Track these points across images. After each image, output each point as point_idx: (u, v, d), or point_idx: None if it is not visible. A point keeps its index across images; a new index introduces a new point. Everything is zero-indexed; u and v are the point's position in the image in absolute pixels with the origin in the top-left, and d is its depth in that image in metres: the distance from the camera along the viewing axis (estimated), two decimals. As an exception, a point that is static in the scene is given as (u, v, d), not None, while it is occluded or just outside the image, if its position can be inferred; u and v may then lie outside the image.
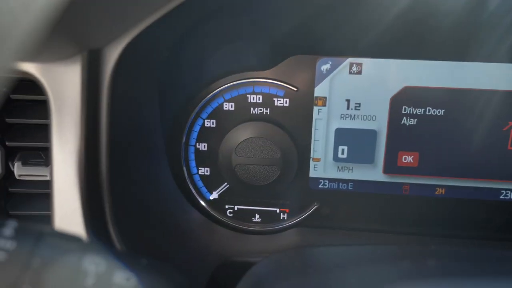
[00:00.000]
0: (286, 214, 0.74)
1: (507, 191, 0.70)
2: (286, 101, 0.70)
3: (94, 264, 0.31)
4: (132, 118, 0.57)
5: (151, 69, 0.60)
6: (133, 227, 0.56)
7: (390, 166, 0.71)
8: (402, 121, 0.69)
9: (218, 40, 0.66)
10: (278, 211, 0.74)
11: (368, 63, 0.68)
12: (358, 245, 0.64)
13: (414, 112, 0.68)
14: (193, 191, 0.74)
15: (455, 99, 0.67)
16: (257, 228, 0.75)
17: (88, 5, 0.39)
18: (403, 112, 0.69)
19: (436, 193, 0.71)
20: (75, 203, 0.49)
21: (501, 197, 0.71)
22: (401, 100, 0.69)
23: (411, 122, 0.69)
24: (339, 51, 0.68)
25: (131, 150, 0.57)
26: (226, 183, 0.73)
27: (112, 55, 0.48)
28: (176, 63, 0.65)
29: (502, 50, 0.66)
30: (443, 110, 0.68)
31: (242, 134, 0.69)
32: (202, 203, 0.74)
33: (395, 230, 0.72)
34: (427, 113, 0.68)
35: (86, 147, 0.48)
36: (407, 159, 0.71)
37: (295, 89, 0.69)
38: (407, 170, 0.71)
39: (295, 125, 0.70)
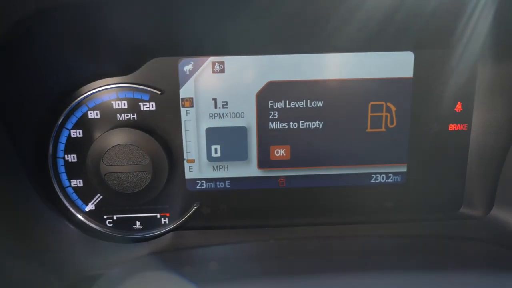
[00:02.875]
0: (167, 218, 0.73)
1: (377, 175, 0.73)
2: (152, 104, 0.68)
3: None
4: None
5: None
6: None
7: (264, 161, 0.72)
8: (270, 116, 0.70)
9: (73, 47, 0.63)
10: (158, 216, 0.73)
11: (230, 61, 0.68)
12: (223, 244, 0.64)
13: (281, 106, 0.69)
14: (67, 204, 0.71)
15: (317, 90, 0.69)
16: (139, 235, 0.73)
17: None
18: (269, 106, 0.70)
19: (311, 184, 0.73)
20: None
21: (371, 181, 0.74)
22: (266, 95, 0.69)
23: (279, 116, 0.70)
24: (200, 51, 0.67)
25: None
26: (99, 194, 0.70)
27: None
28: (27, 76, 0.62)
29: (357, 41, 0.68)
30: (307, 102, 0.69)
31: (108, 142, 0.67)
32: (79, 216, 0.72)
33: (274, 223, 0.73)
34: (293, 106, 0.69)
35: None
36: (280, 152, 0.72)
37: (160, 92, 0.68)
38: (281, 164, 0.72)
39: (164, 128, 0.69)
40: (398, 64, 0.68)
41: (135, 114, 0.68)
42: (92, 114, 0.68)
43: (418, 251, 0.57)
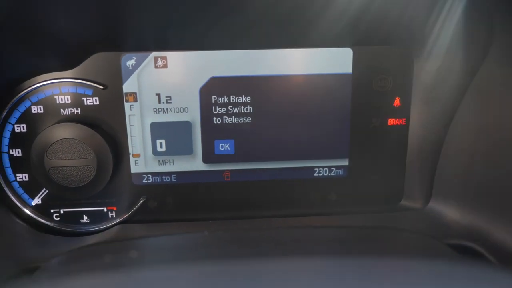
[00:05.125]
0: (114, 212, 0.74)
1: (320, 169, 0.75)
2: (95, 99, 0.69)
3: None
4: None
5: None
6: None
7: (209, 155, 0.73)
8: (214, 111, 0.71)
9: (13, 41, 0.64)
10: (105, 210, 0.74)
11: (173, 56, 0.69)
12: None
13: (224, 101, 0.71)
14: (14, 199, 0.72)
15: (260, 85, 0.71)
16: (86, 229, 0.74)
17: None
18: (213, 101, 0.71)
19: (256, 178, 0.75)
20: None
21: (315, 174, 0.75)
22: (210, 90, 0.70)
23: (222, 111, 0.71)
24: (143, 46, 0.68)
25: None
26: (44, 188, 0.71)
27: None
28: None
29: (298, 38, 0.70)
30: (249, 97, 0.71)
31: (52, 136, 0.67)
32: (26, 210, 0.72)
33: (220, 216, 0.75)
34: (235, 101, 0.71)
35: None
36: (224, 147, 0.73)
37: (103, 87, 0.68)
38: (225, 158, 0.73)
39: (109, 123, 0.70)
40: (338, 60, 0.70)
41: (79, 109, 0.69)
42: (35, 109, 0.68)
43: (355, 239, 0.59)
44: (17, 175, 0.71)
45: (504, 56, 0.53)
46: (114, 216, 0.74)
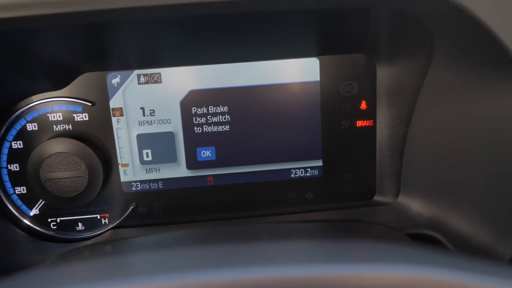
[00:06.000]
0: (107, 218, 0.80)
1: (296, 170, 0.81)
2: (85, 115, 0.75)
3: None
4: None
5: None
6: None
7: (192, 162, 0.79)
8: (194, 121, 0.77)
9: (8, 67, 0.70)
10: (99, 217, 0.80)
11: (154, 73, 0.75)
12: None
13: (203, 111, 0.77)
14: (13, 210, 0.78)
15: (236, 96, 0.77)
16: (82, 236, 0.80)
17: None
18: (193, 112, 0.77)
19: (237, 181, 0.80)
20: None
21: (292, 176, 0.81)
22: (190, 102, 0.77)
23: (202, 121, 0.77)
24: (126, 65, 0.74)
25: None
26: (41, 199, 0.77)
27: None
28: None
29: (267, 51, 0.76)
30: (226, 107, 0.77)
31: (46, 151, 0.73)
32: (25, 221, 0.78)
33: (205, 218, 0.80)
34: (214, 111, 0.77)
35: None
36: (206, 153, 0.79)
37: (91, 104, 0.75)
38: (208, 164, 0.79)
39: (98, 136, 0.76)
40: (306, 69, 0.76)
41: (70, 124, 0.75)
42: (30, 127, 0.75)
43: (316, 228, 0.64)
44: (15, 188, 0.77)
45: (445, 59, 0.59)
46: (107, 222, 0.80)
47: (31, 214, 0.78)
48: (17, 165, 0.76)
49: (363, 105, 0.79)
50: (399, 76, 0.74)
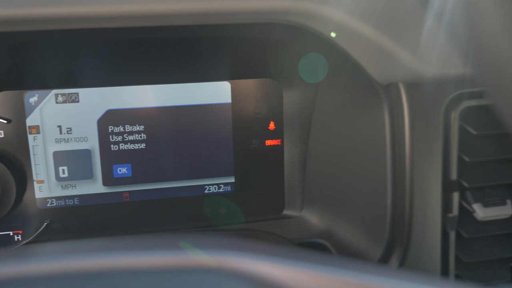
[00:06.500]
0: (20, 235, 0.81)
1: (210, 186, 0.86)
2: (1, 132, 0.77)
3: None
4: None
5: None
6: None
7: (108, 179, 0.82)
8: (111, 139, 0.81)
9: None
10: (11, 233, 0.80)
11: (72, 93, 0.78)
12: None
13: (120, 130, 0.81)
14: None
15: (151, 116, 0.81)
16: (-6, 253, 0.80)
17: None
18: (109, 131, 0.81)
19: (153, 197, 0.84)
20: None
21: (205, 192, 0.86)
22: (107, 121, 0.80)
23: (119, 139, 0.81)
24: (44, 85, 0.77)
25: None
26: (-50, 216, 0.77)
27: None
28: None
29: (181, 75, 0.82)
30: (142, 126, 0.81)
31: (-43, 167, 0.74)
32: None
33: (122, 234, 0.83)
34: (130, 130, 0.81)
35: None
36: (122, 170, 0.82)
37: (6, 121, 0.76)
38: (124, 181, 0.83)
39: (13, 153, 0.78)
40: (218, 92, 0.83)
41: (-15, 141, 0.77)
42: None
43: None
44: None
45: (327, 85, 0.67)
46: (20, 239, 0.80)
47: None
48: None
49: (272, 126, 0.86)
50: (300, 99, 0.82)
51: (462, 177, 0.61)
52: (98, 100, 0.79)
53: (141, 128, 0.81)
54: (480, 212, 0.62)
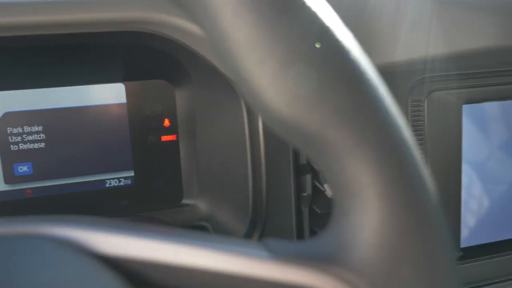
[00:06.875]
0: None
1: (110, 180, 0.93)
2: None
3: None
4: None
5: None
6: None
7: (9, 177, 0.87)
8: (10, 140, 0.86)
9: None
10: None
11: (-32, 97, 0.83)
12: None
13: (19, 131, 0.86)
14: None
15: (50, 117, 0.87)
16: None
17: None
18: (8, 132, 0.86)
19: (56, 192, 0.90)
20: None
21: (107, 185, 0.93)
22: (5, 123, 0.85)
23: (18, 139, 0.86)
24: None
25: None
26: None
27: None
28: None
29: (74, 77, 0.88)
30: (41, 127, 0.87)
31: None
32: None
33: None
34: (29, 131, 0.86)
35: None
36: (23, 169, 0.88)
37: None
38: (25, 178, 0.88)
39: None
40: (113, 93, 0.90)
41: None
42: None
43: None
44: None
45: (200, 83, 0.76)
46: None
47: None
48: None
49: (167, 123, 0.94)
50: (188, 97, 0.90)
51: (312, 161, 0.72)
52: (-5, 103, 0.84)
53: (40, 128, 0.87)
54: (330, 190, 0.73)
